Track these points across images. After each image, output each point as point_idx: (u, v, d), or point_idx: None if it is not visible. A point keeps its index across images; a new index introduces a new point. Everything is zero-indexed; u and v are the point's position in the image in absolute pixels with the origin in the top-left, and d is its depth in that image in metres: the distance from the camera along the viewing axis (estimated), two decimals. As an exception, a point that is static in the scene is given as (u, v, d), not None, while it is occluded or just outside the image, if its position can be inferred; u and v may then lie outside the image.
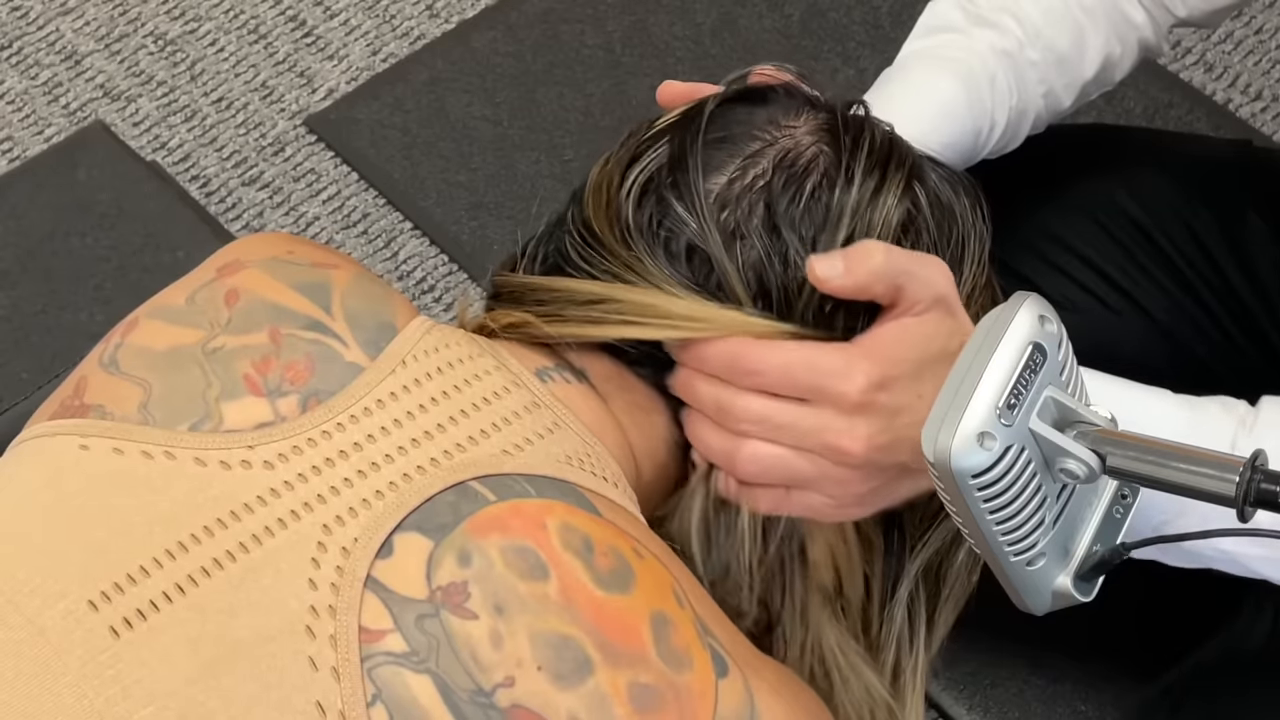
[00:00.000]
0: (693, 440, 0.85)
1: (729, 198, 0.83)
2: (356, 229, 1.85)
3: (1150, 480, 0.74)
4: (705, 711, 0.74)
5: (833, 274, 0.80)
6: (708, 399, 0.82)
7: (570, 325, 0.84)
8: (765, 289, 0.82)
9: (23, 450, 0.79)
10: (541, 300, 0.85)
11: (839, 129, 0.85)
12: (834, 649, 0.89)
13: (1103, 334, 0.91)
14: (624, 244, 0.84)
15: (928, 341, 0.80)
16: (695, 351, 0.82)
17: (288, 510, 0.73)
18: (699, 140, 0.84)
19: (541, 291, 0.85)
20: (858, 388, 0.79)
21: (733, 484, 0.84)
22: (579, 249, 0.85)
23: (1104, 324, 1.19)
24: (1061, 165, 1.24)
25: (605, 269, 0.84)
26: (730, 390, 0.82)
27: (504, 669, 0.71)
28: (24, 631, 0.69)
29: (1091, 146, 1.30)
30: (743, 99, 0.87)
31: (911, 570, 0.89)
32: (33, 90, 1.97)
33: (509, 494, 0.76)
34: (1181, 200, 1.22)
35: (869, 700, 0.90)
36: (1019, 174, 1.14)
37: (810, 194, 0.82)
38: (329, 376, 0.78)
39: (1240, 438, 0.87)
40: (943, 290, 0.81)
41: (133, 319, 0.83)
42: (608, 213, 0.85)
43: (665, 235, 0.83)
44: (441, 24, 2.02)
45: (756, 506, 0.85)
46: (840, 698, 0.89)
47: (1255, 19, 1.97)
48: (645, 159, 0.85)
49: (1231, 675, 1.13)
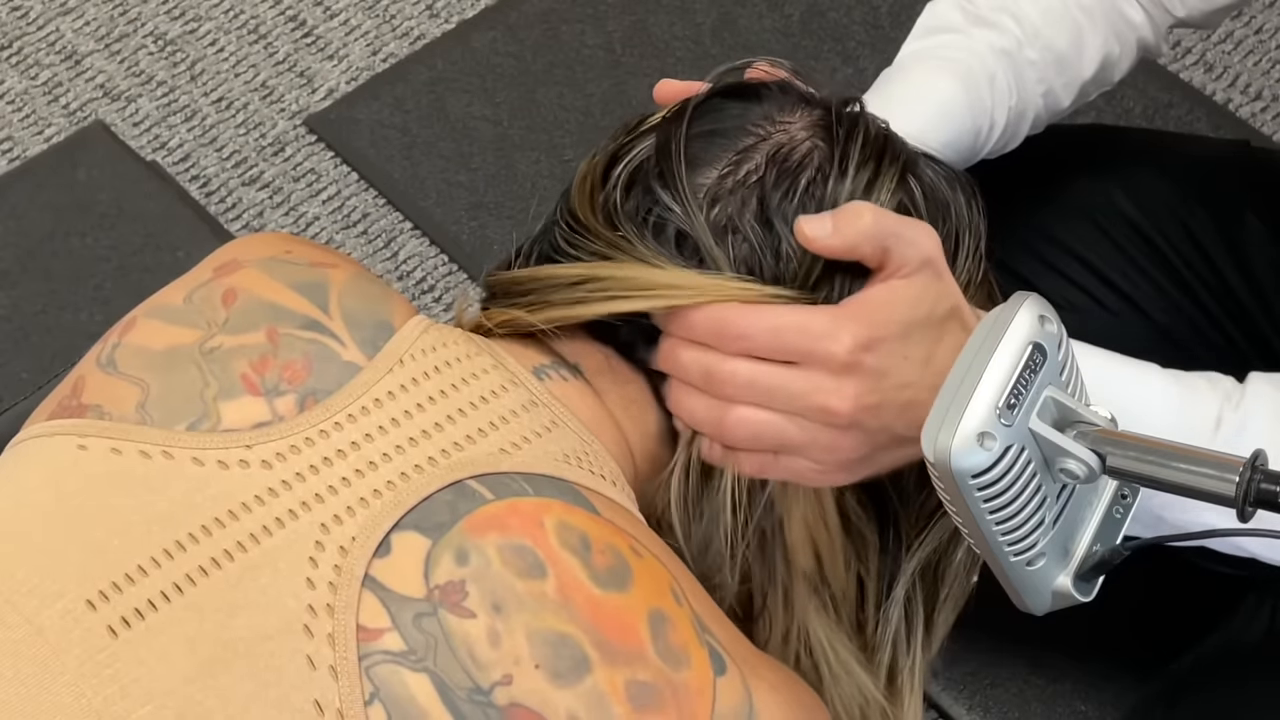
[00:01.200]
0: (676, 410, 0.84)
1: (721, 192, 0.83)
2: (356, 229, 1.85)
3: (1150, 480, 0.74)
4: (703, 709, 0.74)
5: (821, 233, 0.80)
6: (694, 366, 0.82)
7: (557, 309, 0.84)
8: (753, 273, 0.82)
9: (21, 450, 0.79)
10: (528, 290, 0.85)
11: (833, 124, 0.85)
12: (822, 642, 0.88)
13: (1100, 335, 0.91)
14: (609, 225, 0.84)
15: (915, 304, 0.80)
16: (681, 319, 0.82)
17: (285, 509, 0.73)
18: (683, 129, 0.84)
19: (528, 282, 0.85)
20: (845, 348, 0.79)
21: (717, 449, 0.84)
22: (566, 237, 0.86)
23: (1101, 325, 1.19)
24: (1060, 166, 1.24)
25: (592, 250, 0.84)
26: (717, 356, 0.81)
27: (502, 667, 0.71)
28: (22, 631, 0.69)
29: (1089, 147, 1.30)
30: (737, 95, 0.87)
31: (908, 569, 0.89)
32: (33, 90, 1.97)
33: (506, 492, 0.76)
34: (1179, 201, 1.23)
35: (860, 699, 0.90)
36: (1018, 175, 1.14)
37: (804, 188, 0.83)
38: (326, 376, 0.78)
39: (1226, 412, 0.88)
40: (930, 253, 0.81)
41: (130, 319, 0.83)
42: (593, 199, 0.85)
43: (655, 221, 0.83)
44: (441, 24, 2.02)
45: (742, 469, 0.84)
46: (830, 692, 0.89)
47: (1255, 19, 1.97)
48: (634, 149, 0.85)
49: (1230, 669, 1.13)
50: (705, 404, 0.83)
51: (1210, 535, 0.80)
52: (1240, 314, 1.21)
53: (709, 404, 0.83)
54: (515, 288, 0.86)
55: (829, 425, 0.80)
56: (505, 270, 0.89)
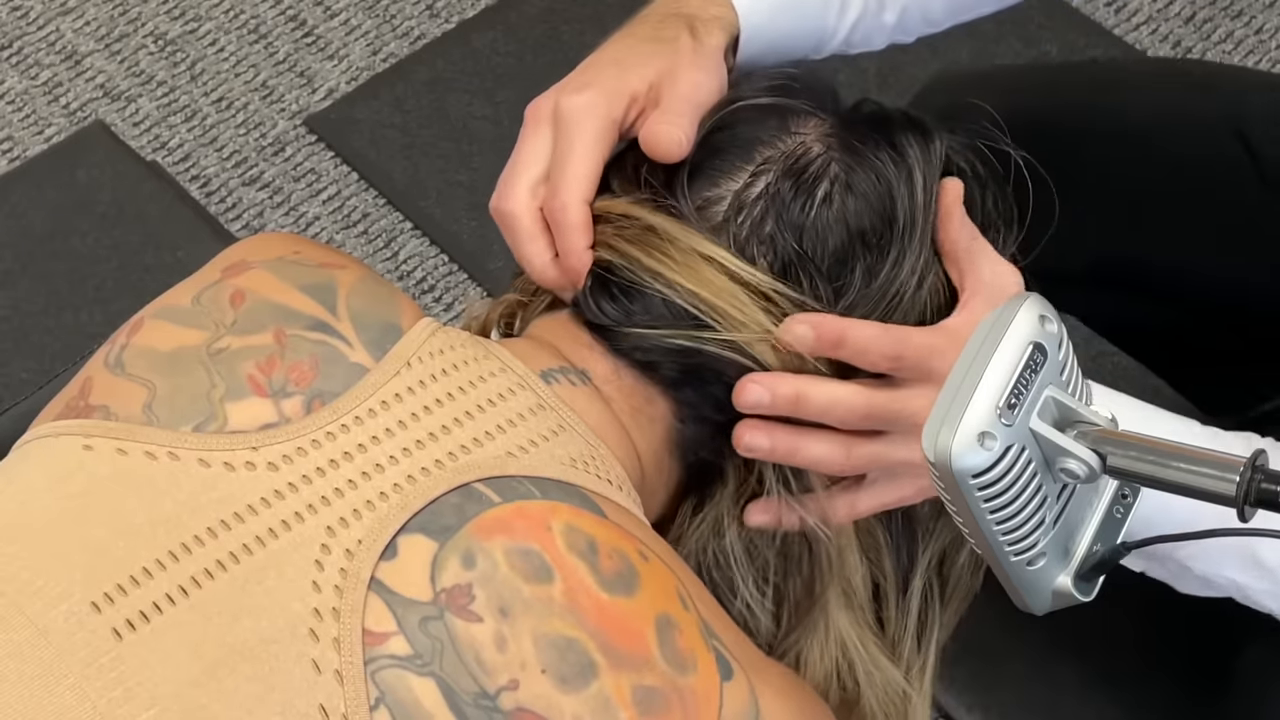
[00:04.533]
0: (795, 458, 0.84)
1: (744, 201, 0.83)
2: (356, 229, 1.85)
3: (1150, 480, 0.74)
4: (710, 714, 0.73)
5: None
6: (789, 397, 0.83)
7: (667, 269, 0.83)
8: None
9: (27, 450, 0.78)
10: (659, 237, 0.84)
11: (846, 133, 0.85)
12: (855, 644, 0.89)
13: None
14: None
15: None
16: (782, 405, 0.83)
17: (292, 512, 0.73)
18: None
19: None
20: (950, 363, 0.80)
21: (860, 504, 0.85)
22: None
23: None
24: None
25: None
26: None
27: (508, 672, 0.71)
28: (26, 633, 0.69)
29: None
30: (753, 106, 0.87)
31: (922, 565, 0.89)
32: (33, 90, 1.97)
33: (514, 496, 0.76)
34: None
35: (896, 694, 0.90)
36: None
37: (822, 199, 0.83)
38: (333, 378, 0.78)
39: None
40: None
41: (138, 320, 0.83)
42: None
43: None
44: (441, 24, 2.03)
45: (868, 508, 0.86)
46: (867, 694, 0.89)
47: (1255, 19, 1.97)
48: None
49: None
50: (828, 444, 0.84)
51: (1210, 535, 0.80)
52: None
53: (833, 442, 0.84)
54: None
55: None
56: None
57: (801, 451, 0.84)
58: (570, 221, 0.84)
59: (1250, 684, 1.13)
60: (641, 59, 0.87)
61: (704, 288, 0.82)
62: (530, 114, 0.88)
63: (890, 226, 0.84)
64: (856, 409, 0.82)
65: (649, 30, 0.90)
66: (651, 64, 0.87)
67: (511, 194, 0.86)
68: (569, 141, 0.85)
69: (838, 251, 0.83)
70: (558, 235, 0.85)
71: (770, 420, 0.83)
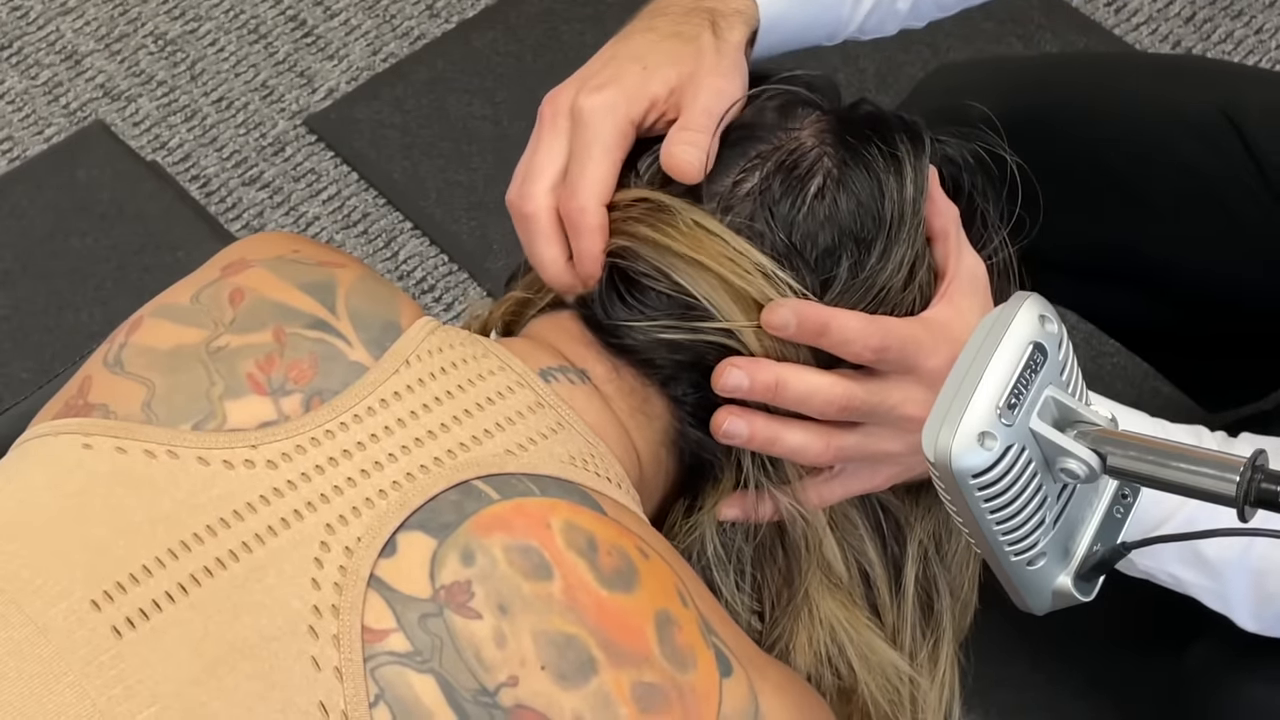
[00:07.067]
0: (773, 447, 0.84)
1: (734, 199, 0.83)
2: (356, 229, 1.85)
3: (1150, 480, 0.74)
4: (709, 711, 0.74)
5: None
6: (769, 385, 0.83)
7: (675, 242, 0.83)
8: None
9: (26, 449, 0.79)
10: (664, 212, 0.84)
11: (841, 130, 0.85)
12: (845, 626, 0.88)
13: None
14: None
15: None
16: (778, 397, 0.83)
17: (290, 510, 0.73)
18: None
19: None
20: (943, 359, 0.81)
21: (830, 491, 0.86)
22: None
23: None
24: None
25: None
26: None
27: (508, 669, 0.71)
28: (26, 631, 0.69)
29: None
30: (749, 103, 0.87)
31: (913, 548, 0.89)
32: (33, 90, 1.97)
33: (513, 493, 0.76)
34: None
35: (896, 681, 0.89)
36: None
37: (814, 195, 0.83)
38: (332, 376, 0.78)
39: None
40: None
41: (137, 318, 0.83)
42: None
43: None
44: (441, 24, 2.03)
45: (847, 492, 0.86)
46: (864, 679, 0.89)
47: (1255, 19, 1.97)
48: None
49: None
50: (807, 433, 0.84)
51: (1210, 535, 0.80)
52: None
53: (812, 432, 0.84)
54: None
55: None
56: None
57: (780, 440, 0.83)
58: (589, 224, 0.83)
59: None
60: (664, 59, 0.87)
61: (703, 254, 0.82)
62: (548, 108, 0.87)
63: (879, 222, 0.84)
64: (835, 399, 0.82)
65: (671, 25, 0.89)
66: (674, 66, 0.86)
67: (531, 194, 0.86)
68: (588, 142, 0.84)
69: (827, 246, 0.83)
70: (575, 237, 0.84)
71: (751, 408, 0.83)
